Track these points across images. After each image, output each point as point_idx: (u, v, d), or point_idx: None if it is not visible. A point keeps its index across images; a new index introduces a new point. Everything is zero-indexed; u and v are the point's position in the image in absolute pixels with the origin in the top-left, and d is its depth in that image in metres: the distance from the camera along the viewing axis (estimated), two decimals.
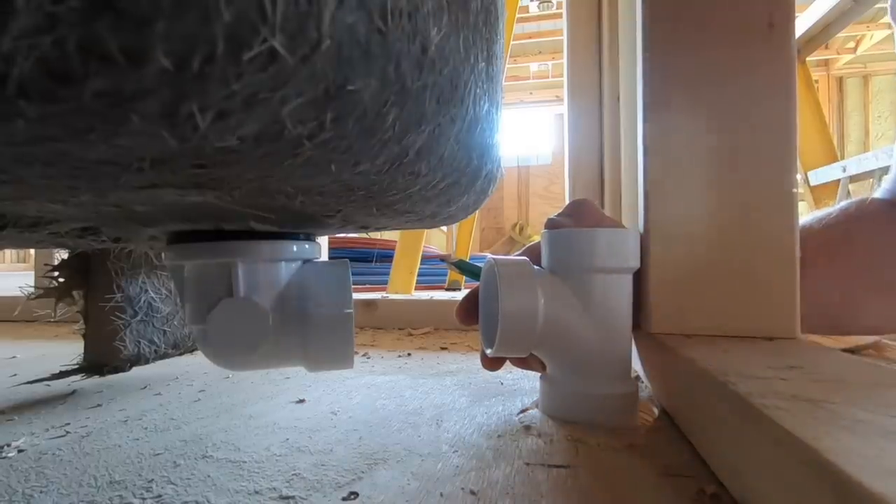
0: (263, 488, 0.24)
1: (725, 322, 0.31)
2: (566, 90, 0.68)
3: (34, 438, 0.31)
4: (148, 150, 0.12)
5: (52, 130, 0.10)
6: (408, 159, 0.19)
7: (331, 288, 0.28)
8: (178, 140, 0.11)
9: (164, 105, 0.10)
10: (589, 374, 0.31)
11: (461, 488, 0.23)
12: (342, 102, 0.13)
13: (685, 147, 0.32)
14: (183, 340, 0.53)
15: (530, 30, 3.22)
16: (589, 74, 0.66)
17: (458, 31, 0.18)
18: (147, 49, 0.08)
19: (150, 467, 0.26)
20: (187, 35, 0.09)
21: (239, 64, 0.10)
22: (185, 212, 0.22)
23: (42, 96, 0.09)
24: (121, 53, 0.08)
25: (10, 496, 0.23)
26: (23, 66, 0.08)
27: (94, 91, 0.09)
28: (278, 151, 0.14)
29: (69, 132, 0.10)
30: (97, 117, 0.10)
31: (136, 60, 0.08)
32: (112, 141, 0.11)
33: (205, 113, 0.11)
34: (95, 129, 0.10)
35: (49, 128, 0.10)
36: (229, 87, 0.10)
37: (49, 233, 0.27)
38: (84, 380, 0.44)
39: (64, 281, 0.44)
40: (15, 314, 0.74)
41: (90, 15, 0.08)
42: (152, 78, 0.09)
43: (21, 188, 0.15)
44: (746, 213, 0.31)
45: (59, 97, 0.09)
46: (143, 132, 0.11)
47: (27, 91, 0.08)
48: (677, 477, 0.24)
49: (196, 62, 0.09)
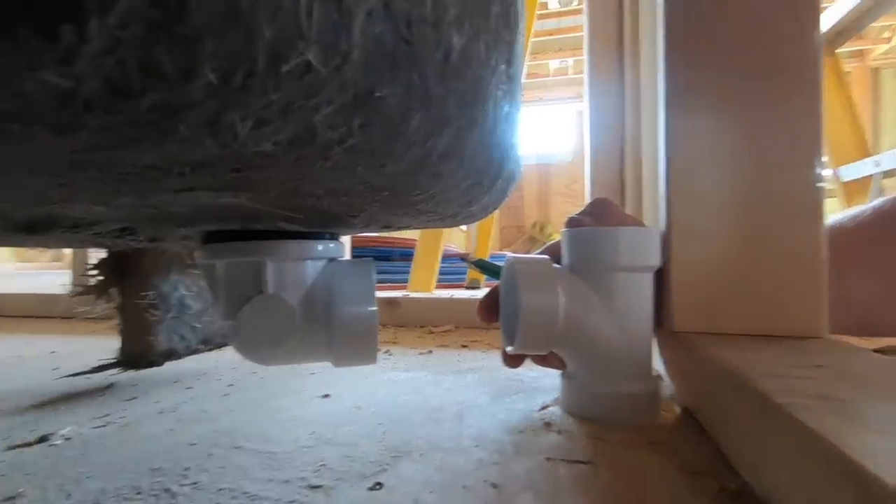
0: (293, 478, 0.25)
1: (749, 321, 0.31)
2: (586, 87, 0.67)
3: (78, 427, 0.33)
4: (191, 155, 0.13)
5: (109, 139, 0.11)
6: (430, 161, 0.19)
7: (355, 286, 0.29)
8: (219, 146, 0.12)
9: (208, 115, 0.11)
10: (610, 372, 0.31)
11: (483, 481, 0.24)
12: (369, 109, 0.14)
13: (707, 144, 0.32)
14: (212, 336, 0.55)
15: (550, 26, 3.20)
16: (610, 71, 0.65)
17: (478, 36, 0.18)
18: (196, 66, 0.09)
19: (185, 456, 0.28)
20: (232, 52, 0.09)
21: (277, 76, 0.10)
22: (219, 212, 0.23)
23: (104, 109, 0.09)
24: (173, 70, 0.09)
25: (61, 480, 0.25)
26: (90, 84, 0.09)
27: (149, 104, 0.10)
28: (310, 155, 0.15)
29: (124, 141, 0.11)
30: (149, 127, 0.11)
31: (186, 77, 0.09)
32: (160, 148, 0.12)
33: (245, 121, 0.11)
34: (147, 138, 0.11)
35: (106, 137, 0.11)
36: (268, 97, 0.11)
37: (91, 233, 0.29)
38: (121, 373, 0.46)
39: (102, 279, 0.46)
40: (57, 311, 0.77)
41: (149, 38, 0.08)
42: (199, 91, 0.10)
43: (72, 191, 0.17)
44: (771, 209, 0.31)
45: (119, 110, 0.10)
46: (188, 140, 0.12)
47: (92, 105, 0.09)
48: (699, 474, 0.24)
49: (239, 76, 0.10)
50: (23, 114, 0.10)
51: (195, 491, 0.24)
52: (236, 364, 0.51)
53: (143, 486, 0.24)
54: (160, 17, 0.08)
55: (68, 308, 0.49)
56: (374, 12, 0.11)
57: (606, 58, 0.66)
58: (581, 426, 0.31)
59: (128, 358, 0.48)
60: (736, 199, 0.32)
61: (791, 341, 0.30)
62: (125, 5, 0.08)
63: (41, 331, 0.76)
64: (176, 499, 0.23)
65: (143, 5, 0.08)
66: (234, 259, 0.28)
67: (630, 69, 0.60)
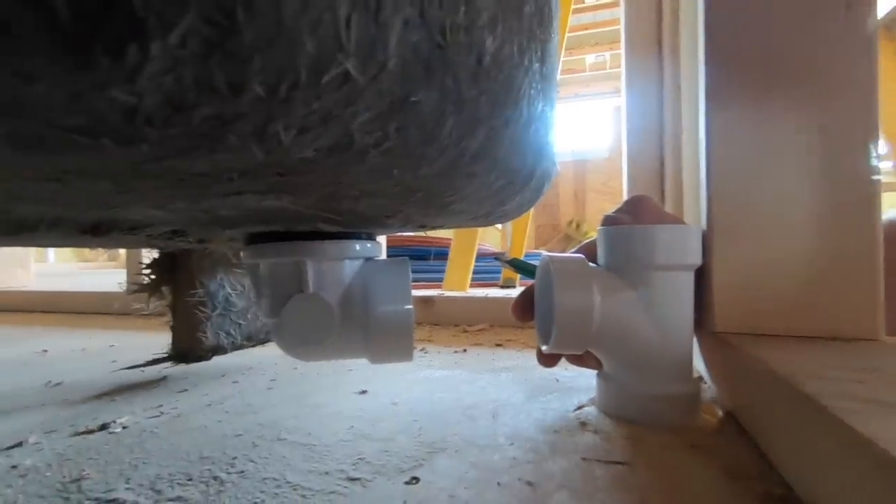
0: (332, 469, 0.26)
1: (796, 321, 0.30)
2: (624, 81, 0.66)
3: (135, 417, 0.35)
4: (239, 163, 0.14)
5: (167, 150, 0.12)
6: (464, 162, 0.20)
7: (391, 285, 0.30)
8: (264, 153, 0.13)
9: (255, 126, 0.11)
10: (648, 373, 0.31)
11: (518, 479, 0.24)
12: (405, 114, 0.14)
13: (751, 139, 0.31)
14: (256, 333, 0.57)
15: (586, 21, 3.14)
16: (648, 63, 0.64)
17: (512, 37, 0.19)
18: (245, 80, 0.10)
19: (232, 446, 0.29)
20: (278, 66, 0.10)
21: (318, 86, 0.11)
22: (263, 215, 0.24)
23: (163, 123, 0.10)
24: (225, 85, 0.10)
25: (120, 465, 0.27)
26: (151, 100, 0.09)
27: (202, 117, 0.10)
28: (348, 160, 0.15)
29: (179, 151, 0.12)
30: (202, 138, 0.11)
31: (236, 90, 0.10)
32: (211, 156, 0.13)
33: (288, 130, 0.12)
34: (200, 148, 0.12)
35: (164, 148, 0.12)
36: (310, 106, 0.11)
37: (146, 235, 0.31)
38: (172, 367, 0.48)
39: (155, 278, 0.49)
40: (115, 307, 0.82)
41: (204, 55, 0.09)
42: (248, 104, 0.11)
43: (132, 197, 0.18)
44: (820, 206, 0.30)
45: (175, 123, 0.10)
46: (237, 148, 0.12)
47: (152, 119, 0.10)
48: (742, 479, 0.23)
49: (284, 88, 0.10)
50: (92, 128, 0.11)
51: (242, 479, 0.25)
52: (278, 360, 0.53)
53: (194, 474, 0.25)
54: (214, 36, 0.09)
55: (125, 305, 0.52)
56: (410, 22, 0.12)
57: (645, 51, 0.64)
58: (618, 427, 0.30)
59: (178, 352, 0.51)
60: (781, 196, 0.30)
61: (841, 343, 0.28)
62: (184, 26, 0.09)
63: (101, 326, 0.81)
64: (224, 486, 0.24)
65: (200, 25, 0.09)
66: (277, 259, 0.29)
67: (669, 62, 0.59)
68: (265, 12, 0.09)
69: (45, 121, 0.10)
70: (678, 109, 0.55)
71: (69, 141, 0.11)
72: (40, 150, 0.12)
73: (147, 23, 0.09)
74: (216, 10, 0.09)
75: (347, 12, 0.11)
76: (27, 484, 0.25)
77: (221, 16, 0.09)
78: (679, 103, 0.55)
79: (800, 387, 0.20)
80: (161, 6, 0.09)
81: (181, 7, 0.09)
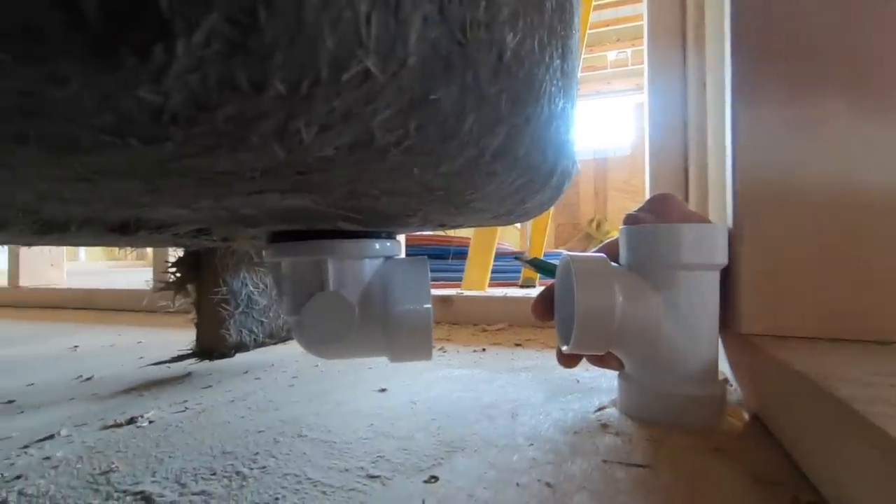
0: (352, 467, 0.26)
1: (827, 323, 0.29)
2: (646, 77, 0.65)
3: (160, 412, 0.36)
4: (261, 161, 0.14)
5: (191, 149, 0.12)
6: (484, 160, 0.20)
7: (411, 284, 0.30)
8: (286, 152, 0.13)
9: (277, 124, 0.11)
10: (671, 374, 0.30)
11: (537, 480, 0.24)
12: (425, 111, 0.14)
13: (781, 134, 0.30)
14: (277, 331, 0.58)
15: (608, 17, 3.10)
16: (672, 57, 0.62)
17: (532, 33, 0.18)
18: (267, 78, 0.10)
19: (254, 442, 0.29)
20: (299, 64, 0.10)
21: (339, 84, 0.11)
22: (284, 214, 0.25)
23: (187, 122, 0.10)
24: (247, 83, 0.10)
25: (146, 459, 0.28)
26: (176, 99, 0.10)
27: (225, 115, 0.11)
28: (368, 158, 0.15)
29: (203, 149, 0.12)
30: (225, 136, 0.12)
31: (258, 88, 0.10)
32: (234, 155, 0.13)
33: (309, 128, 0.12)
34: (223, 146, 0.12)
35: (189, 147, 0.12)
36: (330, 104, 0.12)
37: (172, 233, 0.31)
38: (197, 363, 0.49)
39: (180, 276, 0.50)
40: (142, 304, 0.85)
41: (227, 54, 0.09)
42: (269, 102, 0.11)
43: (158, 196, 0.18)
44: (852, 204, 0.29)
45: (200, 122, 0.11)
46: (259, 147, 0.12)
47: (177, 118, 0.10)
48: (770, 484, 0.23)
49: (305, 86, 0.11)
50: (120, 127, 0.11)
51: (263, 474, 0.25)
52: (299, 357, 0.54)
53: (217, 468, 0.26)
54: (236, 35, 0.09)
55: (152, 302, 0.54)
56: (430, 18, 0.12)
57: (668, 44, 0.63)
58: (640, 429, 0.30)
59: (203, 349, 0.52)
60: (811, 195, 0.29)
61: (874, 346, 0.27)
62: (208, 25, 0.09)
63: (129, 322, 0.83)
64: (246, 481, 0.24)
65: (222, 24, 0.09)
66: (298, 258, 0.29)
67: (694, 55, 0.57)
68: (286, 10, 0.09)
69: (76, 121, 0.11)
70: (703, 104, 0.54)
71: (99, 141, 0.12)
72: (71, 150, 0.12)
73: (173, 23, 0.09)
74: (238, 9, 0.09)
75: (367, 9, 0.11)
76: (59, 475, 0.26)
77: (243, 15, 0.09)
78: (704, 98, 0.53)
79: (832, 390, 0.20)
80: (186, 7, 0.09)
81: (205, 7, 0.09)
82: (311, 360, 0.52)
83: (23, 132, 0.11)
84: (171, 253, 0.71)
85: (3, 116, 0.10)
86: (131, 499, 0.23)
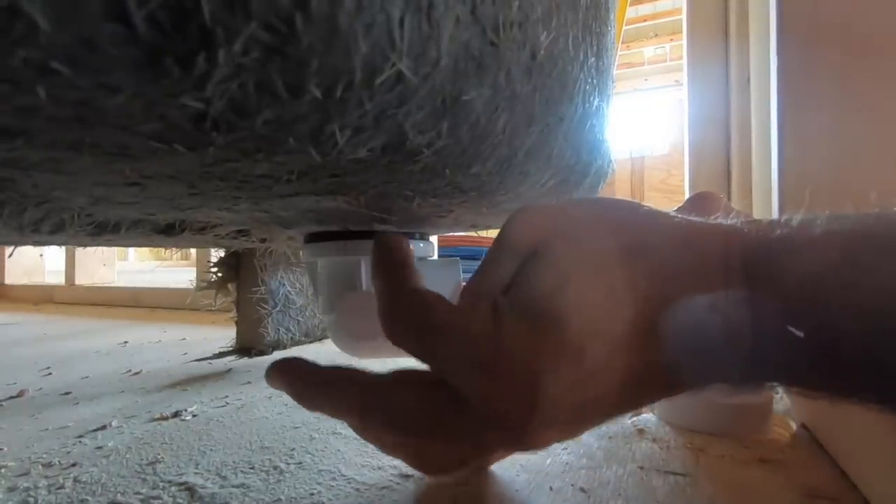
0: (385, 465, 0.26)
1: None
2: (686, 73, 0.63)
3: (203, 406, 0.37)
4: (297, 164, 0.14)
5: (231, 153, 0.12)
6: (517, 160, 0.19)
7: (443, 285, 0.30)
8: (321, 155, 0.13)
9: (312, 127, 0.12)
10: None
11: (571, 485, 0.23)
12: (457, 112, 0.14)
13: (830, 130, 0.28)
14: (313, 330, 0.59)
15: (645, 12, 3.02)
16: (713, 50, 0.60)
17: (566, 31, 0.18)
18: (303, 83, 0.10)
19: (291, 438, 0.30)
20: (334, 68, 0.10)
21: (372, 87, 0.11)
22: (320, 215, 0.25)
23: (228, 127, 0.11)
24: (284, 89, 0.10)
25: (190, 451, 0.29)
26: (218, 106, 0.10)
27: (264, 120, 0.11)
28: (400, 160, 0.16)
29: (242, 154, 0.13)
30: (263, 141, 0.12)
31: (295, 93, 0.10)
32: (272, 159, 0.13)
33: (344, 130, 0.12)
34: (261, 150, 0.12)
35: (229, 151, 0.12)
36: (364, 107, 0.12)
37: (213, 234, 0.33)
38: (236, 360, 0.51)
39: (221, 275, 0.52)
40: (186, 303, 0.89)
41: (265, 61, 0.09)
42: (306, 106, 0.11)
43: (201, 199, 0.19)
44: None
45: (240, 127, 0.11)
46: (295, 150, 0.13)
47: (218, 124, 0.11)
48: (819, 498, 0.21)
49: (339, 90, 0.11)
50: (166, 134, 0.11)
51: (299, 470, 0.26)
52: (335, 356, 0.55)
53: (256, 462, 0.27)
54: (274, 42, 0.10)
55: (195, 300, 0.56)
56: (462, 19, 0.12)
57: (710, 37, 0.61)
58: (678, 436, 0.29)
59: (243, 347, 0.54)
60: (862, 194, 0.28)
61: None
62: (247, 34, 0.09)
63: (174, 320, 0.87)
64: (283, 476, 0.25)
65: (261, 32, 0.09)
66: (333, 258, 0.30)
67: (736, 49, 0.55)
68: (322, 17, 0.09)
69: (127, 129, 0.11)
70: (746, 100, 0.52)
71: (147, 147, 0.12)
72: (122, 156, 0.13)
73: (214, 33, 0.09)
74: (276, 17, 0.09)
75: (400, 13, 0.11)
76: (110, 464, 0.27)
77: (281, 22, 0.09)
78: (748, 94, 0.51)
79: None
80: (227, 17, 0.09)
81: (245, 16, 0.09)
82: (346, 359, 0.53)
83: (79, 140, 0.12)
84: (213, 253, 0.73)
85: (62, 125, 0.11)
86: (176, 489, 0.24)
